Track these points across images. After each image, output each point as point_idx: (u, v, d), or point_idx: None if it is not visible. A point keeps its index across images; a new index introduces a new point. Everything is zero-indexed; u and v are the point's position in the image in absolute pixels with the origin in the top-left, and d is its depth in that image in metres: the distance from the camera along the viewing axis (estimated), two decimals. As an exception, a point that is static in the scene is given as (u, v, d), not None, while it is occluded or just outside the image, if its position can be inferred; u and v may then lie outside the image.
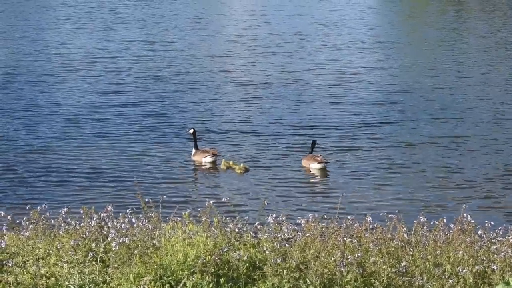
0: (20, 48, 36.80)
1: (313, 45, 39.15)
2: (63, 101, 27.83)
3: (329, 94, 29.57)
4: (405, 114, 27.43)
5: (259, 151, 23.11)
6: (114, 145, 23.41)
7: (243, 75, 32.33)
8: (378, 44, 39.98)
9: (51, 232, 10.80)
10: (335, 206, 17.73)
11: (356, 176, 21.39)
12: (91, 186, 20.03)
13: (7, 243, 10.25)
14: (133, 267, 9.25)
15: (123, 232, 10.38)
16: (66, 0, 52.71)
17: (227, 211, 12.96)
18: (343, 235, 10.62)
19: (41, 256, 9.91)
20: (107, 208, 10.97)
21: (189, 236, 9.78)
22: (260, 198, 19.00)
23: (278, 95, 29.18)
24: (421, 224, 11.29)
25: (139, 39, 39.56)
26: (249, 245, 10.24)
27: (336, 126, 25.83)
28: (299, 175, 21.40)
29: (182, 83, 30.48)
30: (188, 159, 22.53)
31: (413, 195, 20.03)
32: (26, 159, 21.94)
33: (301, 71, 33.10)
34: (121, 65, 33.44)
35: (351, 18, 49.12)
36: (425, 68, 34.38)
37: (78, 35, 40.30)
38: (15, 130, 24.46)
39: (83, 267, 9.35)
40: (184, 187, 20.27)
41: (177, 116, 26.17)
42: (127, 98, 28.44)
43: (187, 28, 43.86)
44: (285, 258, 9.63)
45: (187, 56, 35.68)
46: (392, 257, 10.24)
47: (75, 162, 21.83)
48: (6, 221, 11.40)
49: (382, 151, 23.47)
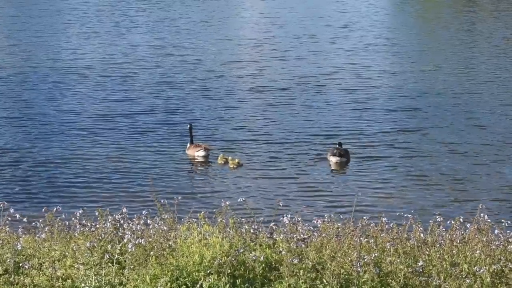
0: (32, 52, 36.77)
1: (327, 49, 38.64)
2: (76, 107, 27.76)
3: (344, 98, 29.29)
4: (421, 118, 27.22)
5: (274, 155, 23.02)
6: (127, 148, 23.37)
7: (257, 80, 31.92)
8: (393, 47, 39.50)
9: (66, 234, 10.81)
10: (350, 206, 17.74)
11: (371, 178, 21.28)
12: (104, 188, 20.03)
13: (23, 245, 10.26)
14: (149, 268, 9.25)
15: (138, 234, 10.39)
16: (76, 5, 52.55)
17: (242, 210, 12.90)
18: (359, 235, 10.58)
19: (57, 258, 9.92)
20: (122, 209, 10.97)
21: (204, 237, 9.76)
22: (274, 199, 18.96)
23: (293, 100, 28.76)
24: (437, 223, 11.25)
25: (151, 44, 39.25)
26: (264, 245, 10.21)
27: (350, 129, 25.66)
28: (314, 178, 21.31)
29: (195, 89, 30.10)
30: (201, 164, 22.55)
31: (428, 197, 19.93)
32: (40, 163, 21.92)
33: (316, 75, 32.60)
34: (133, 70, 33.18)
35: (365, 20, 48.70)
36: (441, 72, 33.85)
37: (90, 40, 40.11)
38: (30, 135, 24.44)
39: (99, 268, 9.35)
40: (197, 189, 20.24)
41: (190, 121, 26.00)
42: (139, 103, 28.30)
43: (200, 31, 43.54)
44: (301, 258, 9.61)
45: (200, 61, 35.29)
46: (409, 257, 10.20)
47: (89, 165, 21.81)
48: (21, 224, 11.43)
49: (397, 154, 23.36)
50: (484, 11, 53.92)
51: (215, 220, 10.76)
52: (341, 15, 50.38)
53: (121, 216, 10.90)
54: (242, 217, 11.37)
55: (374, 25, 46.92)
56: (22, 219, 11.21)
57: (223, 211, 10.56)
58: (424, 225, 11.44)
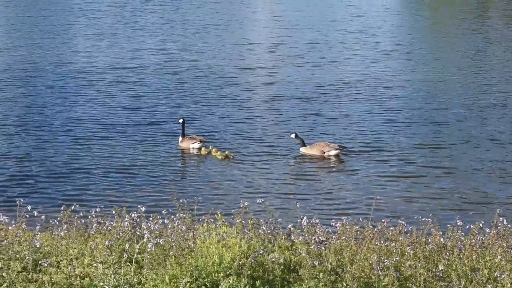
0: (39, 54, 36.75)
1: (342, 55, 38.32)
2: (88, 108, 27.73)
3: (359, 104, 29.08)
4: (438, 117, 27.25)
5: (290, 160, 22.99)
6: (142, 147, 23.43)
7: (270, 87, 31.58)
8: (409, 54, 39.21)
9: (84, 232, 10.77)
10: (367, 208, 17.69)
11: (388, 179, 21.22)
12: (120, 187, 20.02)
13: (41, 243, 10.23)
14: (168, 268, 9.19)
15: (156, 233, 10.34)
16: (85, 7, 52.51)
17: (260, 210, 12.86)
18: (378, 238, 10.51)
19: (75, 256, 9.88)
20: (141, 208, 10.94)
21: (223, 238, 9.71)
22: (292, 200, 18.95)
23: (307, 108, 28.48)
24: (456, 228, 11.17)
25: (161, 47, 39.00)
26: (283, 247, 10.15)
27: (366, 129, 25.69)
28: (332, 181, 21.27)
29: (207, 95, 29.77)
30: (212, 163, 22.53)
31: (446, 199, 19.86)
32: (58, 161, 21.95)
33: (331, 82, 32.26)
34: (143, 73, 33.00)
35: (379, 24, 48.48)
36: (456, 79, 33.49)
37: (99, 43, 39.93)
38: (45, 135, 24.46)
39: (117, 267, 9.29)
40: (212, 189, 20.20)
41: (203, 125, 25.91)
42: (151, 105, 28.20)
43: (211, 34, 43.19)
44: (321, 261, 9.54)
45: (211, 66, 34.95)
46: (429, 261, 10.13)
47: (105, 164, 21.80)
48: (39, 221, 11.41)
49: (414, 154, 23.32)
50: (497, 12, 53.73)
51: (231, 219, 10.72)
52: (354, 19, 50.17)
53: (138, 215, 10.87)
54: (259, 218, 11.34)
55: (389, 30, 46.77)
56: (40, 217, 11.19)
57: (242, 211, 10.50)
58: (442, 229, 11.37)
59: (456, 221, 11.19)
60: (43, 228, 11.44)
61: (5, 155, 22.30)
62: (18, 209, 11.29)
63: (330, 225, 11.40)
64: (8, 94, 29.07)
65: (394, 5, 58.89)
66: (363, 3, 57.18)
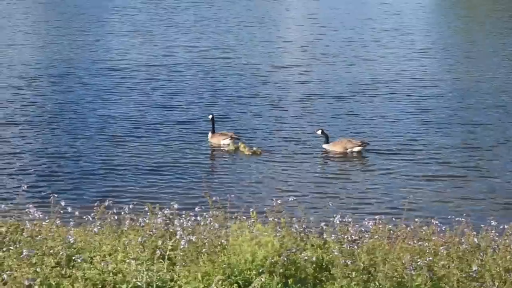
0: (71, 52, 36.81)
1: (377, 53, 37.98)
2: (121, 107, 27.83)
3: (396, 104, 28.89)
4: (474, 117, 27.10)
5: (321, 159, 22.98)
6: (175, 144, 23.54)
7: (304, 86, 31.33)
8: (445, 52, 38.81)
9: (118, 228, 10.82)
10: (400, 208, 17.59)
11: (422, 179, 21.13)
12: (153, 184, 20.12)
13: (74, 239, 10.28)
14: (200, 265, 9.19)
15: (189, 230, 10.37)
16: (120, 5, 52.56)
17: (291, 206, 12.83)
18: (411, 238, 10.48)
19: (108, 252, 9.91)
20: (174, 205, 10.96)
21: (256, 236, 9.70)
22: (324, 198, 18.91)
23: (342, 107, 28.31)
24: (490, 228, 11.10)
25: (194, 45, 38.80)
26: (316, 246, 10.14)
27: (401, 129, 25.58)
28: (365, 180, 21.20)
29: (239, 94, 29.65)
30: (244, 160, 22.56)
31: (480, 200, 19.74)
32: (91, 159, 22.09)
33: (366, 81, 32.07)
34: (175, 72, 32.93)
35: (413, 22, 48.14)
36: (492, 79, 33.11)
37: (133, 41, 39.86)
38: (81, 130, 24.65)
39: (150, 264, 9.31)
40: (243, 186, 20.23)
41: (235, 123, 25.88)
42: (183, 103, 28.26)
43: (245, 32, 42.99)
44: (354, 260, 9.52)
45: (244, 64, 34.83)
46: (462, 261, 10.07)
47: (138, 162, 21.91)
48: (73, 217, 11.48)
49: (448, 154, 23.21)
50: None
51: (264, 217, 10.73)
52: (389, 17, 49.81)
53: (171, 212, 10.91)
54: (291, 216, 11.34)
55: (424, 28, 46.45)
56: (74, 213, 11.26)
57: (275, 210, 10.51)
58: (476, 229, 11.30)
59: (490, 222, 11.11)
60: (76, 224, 11.51)
61: (40, 152, 22.47)
62: (52, 204, 11.37)
63: (362, 224, 11.38)
64: (43, 92, 29.27)
65: (429, 3, 58.49)
66: (398, 1, 56.78)
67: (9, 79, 30.79)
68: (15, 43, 38.01)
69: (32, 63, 33.66)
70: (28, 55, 35.33)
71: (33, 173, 20.73)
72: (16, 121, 25.37)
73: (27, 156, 22.08)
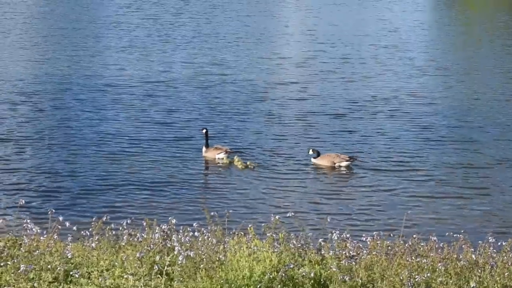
0: (72, 69, 36.72)
1: (376, 71, 37.74)
2: (122, 118, 27.95)
3: (395, 122, 28.71)
4: (473, 135, 27.06)
5: (319, 176, 23.02)
6: (172, 160, 23.59)
7: (302, 103, 31.08)
8: (445, 70, 38.64)
9: (115, 243, 10.82)
10: (398, 224, 17.61)
11: (420, 197, 21.12)
12: (150, 200, 20.15)
13: (72, 254, 10.27)
14: (198, 281, 9.20)
15: (187, 246, 10.37)
16: (117, 20, 52.54)
17: (288, 223, 12.84)
18: (409, 254, 10.47)
19: (105, 268, 9.90)
20: (171, 220, 10.96)
21: (254, 251, 9.70)
22: (322, 214, 18.92)
23: (341, 125, 28.15)
24: (488, 244, 11.09)
25: (191, 60, 38.81)
26: (313, 261, 10.14)
27: (399, 146, 25.56)
28: (364, 197, 21.21)
29: (236, 110, 29.60)
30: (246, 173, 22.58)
31: (478, 217, 19.76)
32: (89, 175, 22.07)
33: (364, 99, 31.83)
34: (172, 87, 32.80)
35: (410, 38, 47.94)
36: (492, 97, 32.99)
37: (130, 56, 39.66)
38: (78, 146, 24.65)
39: (148, 279, 9.31)
40: (240, 202, 20.25)
41: (233, 140, 25.83)
42: (183, 119, 28.15)
43: (242, 48, 42.72)
44: (352, 276, 9.51)
45: (241, 80, 34.61)
46: (460, 277, 10.06)
47: (136, 177, 21.96)
48: (71, 232, 11.46)
49: (446, 172, 23.25)
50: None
51: (261, 232, 10.72)
52: (388, 33, 49.59)
53: (169, 227, 10.90)
54: (289, 232, 11.33)
55: (422, 45, 46.24)
56: (72, 227, 11.25)
57: (273, 225, 10.50)
58: (474, 246, 11.30)
59: (488, 238, 11.11)
60: (74, 239, 11.50)
61: (37, 168, 22.46)
62: (50, 219, 11.37)
63: (360, 240, 11.38)
64: (40, 107, 29.23)
65: (428, 20, 58.52)
66: (396, 18, 56.73)
67: (6, 95, 30.77)
68: (13, 58, 37.92)
69: (28, 79, 33.59)
70: (25, 70, 35.29)
71: (30, 189, 20.72)
72: (13, 137, 25.34)
73: (25, 172, 22.07)
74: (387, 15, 57.70)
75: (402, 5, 62.79)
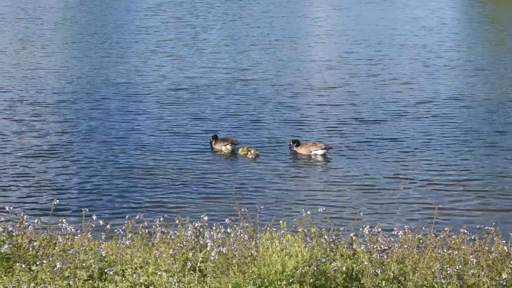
0: (97, 74, 36.65)
1: (408, 73, 36.33)
2: (149, 121, 28.05)
3: (429, 127, 27.73)
4: (498, 125, 26.90)
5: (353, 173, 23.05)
6: (200, 158, 23.78)
7: (333, 109, 30.02)
8: (478, 71, 37.22)
9: (148, 241, 10.94)
10: (430, 218, 17.62)
11: (452, 191, 21.08)
12: (182, 197, 20.32)
13: (106, 252, 10.41)
14: (231, 276, 9.28)
15: (219, 242, 10.46)
16: (142, 25, 52.43)
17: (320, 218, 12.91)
18: (440, 247, 10.51)
19: (139, 265, 10.02)
20: (203, 218, 11.07)
21: (286, 247, 9.78)
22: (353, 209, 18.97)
23: (372, 131, 27.16)
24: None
25: (220, 64, 38.29)
26: (345, 256, 10.20)
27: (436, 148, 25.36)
28: (391, 188, 21.22)
29: (262, 115, 29.09)
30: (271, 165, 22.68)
31: (509, 210, 19.70)
32: (121, 174, 22.29)
33: (397, 103, 30.83)
34: (200, 91, 32.51)
35: (443, 40, 45.95)
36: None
37: (154, 61, 39.05)
38: (110, 146, 24.86)
39: (181, 276, 9.41)
40: (269, 197, 20.36)
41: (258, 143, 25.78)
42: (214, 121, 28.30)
43: (270, 50, 41.88)
44: (383, 269, 9.56)
45: (270, 85, 33.77)
46: (492, 269, 10.07)
47: (167, 175, 22.16)
48: (104, 230, 11.61)
49: (471, 161, 23.21)
50: None
51: (292, 227, 10.80)
52: (418, 34, 48.02)
53: (201, 224, 11.01)
54: (321, 226, 11.41)
55: (456, 44, 44.74)
56: (106, 225, 11.40)
57: (304, 220, 10.58)
58: (505, 238, 11.31)
59: (520, 229, 11.12)
60: (108, 237, 11.64)
61: (69, 167, 22.72)
62: (83, 218, 11.53)
63: (391, 234, 11.43)
64: (74, 107, 29.52)
65: (461, 17, 57.13)
66: (429, 16, 55.20)
67: (34, 98, 30.96)
68: (38, 66, 37.61)
69: (53, 87, 33.19)
70: (49, 79, 34.99)
71: (64, 189, 20.97)
72: (47, 140, 25.51)
73: (59, 173, 22.31)
74: (420, 13, 56.40)
75: (434, 3, 61.59)
